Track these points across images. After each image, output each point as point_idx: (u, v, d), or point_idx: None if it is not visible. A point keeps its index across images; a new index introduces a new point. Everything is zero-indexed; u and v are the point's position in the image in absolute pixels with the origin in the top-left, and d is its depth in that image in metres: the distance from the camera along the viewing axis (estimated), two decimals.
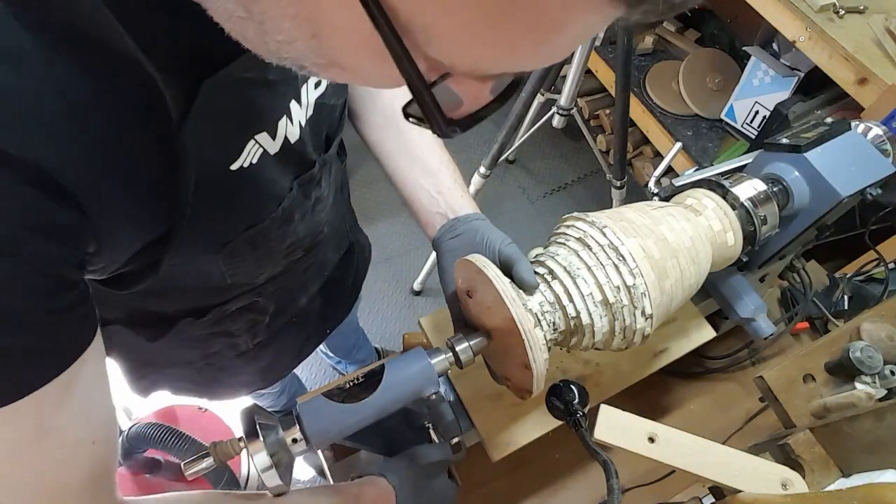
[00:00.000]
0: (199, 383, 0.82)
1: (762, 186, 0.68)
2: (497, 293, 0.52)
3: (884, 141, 0.72)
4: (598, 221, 0.57)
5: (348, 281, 0.92)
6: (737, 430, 0.84)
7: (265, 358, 0.81)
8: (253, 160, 0.49)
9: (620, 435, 0.55)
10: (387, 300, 1.97)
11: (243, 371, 0.82)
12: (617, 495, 0.49)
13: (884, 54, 1.18)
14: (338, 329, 0.93)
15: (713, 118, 1.76)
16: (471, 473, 0.78)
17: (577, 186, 2.33)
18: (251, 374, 0.84)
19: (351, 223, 0.91)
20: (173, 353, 0.72)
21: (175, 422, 1.42)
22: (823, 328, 0.93)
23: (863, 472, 0.59)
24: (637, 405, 0.65)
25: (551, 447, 0.81)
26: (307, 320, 0.84)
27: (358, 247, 0.93)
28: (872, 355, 0.66)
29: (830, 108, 1.40)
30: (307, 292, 0.80)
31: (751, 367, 0.94)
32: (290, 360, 0.89)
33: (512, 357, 0.55)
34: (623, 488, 0.69)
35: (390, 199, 0.74)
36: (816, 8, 1.22)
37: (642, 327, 0.56)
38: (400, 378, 0.56)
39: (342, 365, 1.60)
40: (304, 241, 0.65)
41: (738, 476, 0.54)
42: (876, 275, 0.98)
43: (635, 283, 0.54)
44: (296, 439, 0.53)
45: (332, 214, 0.73)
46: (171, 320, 0.64)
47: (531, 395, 0.56)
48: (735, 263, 0.71)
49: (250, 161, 0.48)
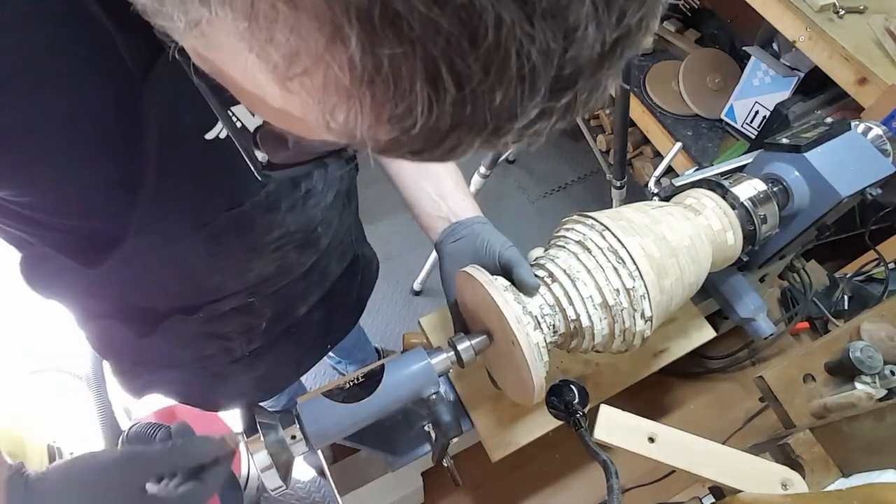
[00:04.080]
0: (193, 388, 0.81)
1: (762, 186, 0.68)
2: (503, 316, 0.52)
3: (884, 141, 0.72)
4: (598, 224, 0.57)
5: (352, 295, 0.91)
6: (737, 430, 0.84)
7: (261, 367, 0.81)
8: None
9: (620, 435, 0.55)
10: (387, 300, 1.97)
11: (239, 379, 0.81)
12: (617, 495, 0.49)
13: (884, 54, 1.18)
14: None
15: (713, 118, 1.76)
16: (471, 473, 0.78)
17: (577, 186, 2.33)
18: (247, 384, 0.83)
19: (358, 235, 0.90)
20: (166, 353, 0.71)
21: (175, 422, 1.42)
22: (823, 328, 0.93)
23: (863, 472, 0.59)
24: (637, 405, 0.65)
25: (551, 447, 0.81)
26: (307, 332, 0.84)
27: (364, 260, 0.92)
28: (872, 355, 0.66)
29: (830, 108, 1.40)
30: (306, 301, 0.79)
31: (751, 367, 0.94)
32: (288, 372, 0.88)
33: (512, 366, 0.55)
34: (623, 488, 0.69)
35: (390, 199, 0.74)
36: (816, 8, 1.22)
37: (642, 329, 0.56)
38: (400, 378, 0.56)
39: (342, 365, 1.59)
40: (296, 236, 0.65)
41: (738, 476, 0.54)
42: (876, 275, 0.98)
43: (635, 285, 0.54)
44: (295, 437, 0.53)
45: (334, 218, 0.72)
46: (162, 316, 0.64)
47: (532, 403, 0.56)
48: (735, 263, 0.71)
49: (227, 133, 0.48)
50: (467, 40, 0.19)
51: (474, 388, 0.72)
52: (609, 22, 0.21)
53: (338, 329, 0.92)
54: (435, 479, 0.84)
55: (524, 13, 0.19)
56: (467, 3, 0.18)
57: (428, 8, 0.18)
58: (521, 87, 0.21)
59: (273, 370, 0.84)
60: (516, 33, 0.19)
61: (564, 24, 0.20)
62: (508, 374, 0.59)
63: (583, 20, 0.20)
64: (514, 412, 0.71)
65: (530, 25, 0.19)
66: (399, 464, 0.73)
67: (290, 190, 0.59)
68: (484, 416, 0.71)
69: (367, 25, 0.19)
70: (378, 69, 0.20)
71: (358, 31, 0.19)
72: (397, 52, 0.19)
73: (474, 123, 0.22)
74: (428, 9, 0.18)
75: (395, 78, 0.20)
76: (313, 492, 1.59)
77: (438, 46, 0.19)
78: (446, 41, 0.19)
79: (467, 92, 0.21)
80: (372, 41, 0.19)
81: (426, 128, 0.22)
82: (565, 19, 0.20)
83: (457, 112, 0.21)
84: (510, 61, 0.20)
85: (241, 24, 0.21)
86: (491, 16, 0.19)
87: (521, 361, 0.52)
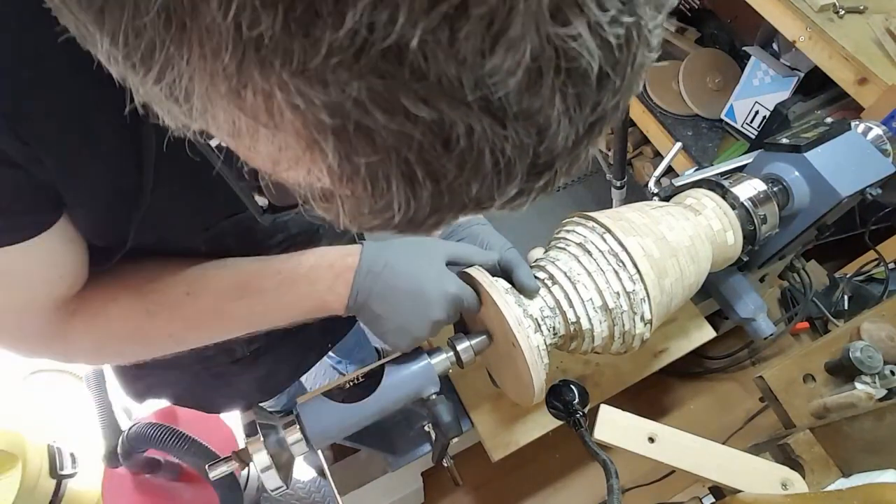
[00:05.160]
0: (195, 391, 0.81)
1: (762, 186, 0.68)
2: (504, 318, 0.52)
3: (884, 141, 0.72)
4: (599, 227, 0.57)
5: None
6: (737, 430, 0.84)
7: (262, 367, 0.81)
8: None
9: (620, 435, 0.55)
10: None
11: (239, 380, 0.81)
12: (617, 495, 0.49)
13: (884, 54, 1.18)
14: None
15: (713, 118, 1.75)
16: (471, 473, 0.78)
17: (577, 186, 2.33)
18: (248, 385, 0.83)
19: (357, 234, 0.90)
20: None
21: (175, 422, 1.42)
22: (823, 328, 0.93)
23: (863, 472, 0.59)
24: (637, 405, 0.65)
25: (551, 447, 0.82)
26: (307, 331, 0.83)
27: None
28: (872, 355, 0.65)
29: (830, 108, 1.40)
30: None
31: (751, 367, 0.94)
32: (289, 372, 0.88)
33: (512, 368, 0.55)
34: (623, 488, 0.69)
35: None
36: (816, 8, 1.22)
37: (641, 332, 0.56)
38: (400, 378, 0.56)
39: (342, 365, 1.59)
40: (298, 239, 0.65)
41: (738, 476, 0.54)
42: (876, 275, 0.98)
43: (635, 288, 0.54)
44: (296, 439, 0.53)
45: None
46: None
47: (531, 404, 0.56)
48: (735, 263, 0.71)
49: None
50: (440, 146, 0.20)
51: (474, 388, 0.72)
52: (581, 116, 0.21)
53: (338, 328, 0.91)
54: (435, 479, 0.84)
55: (496, 119, 0.20)
56: (437, 119, 0.19)
57: (400, 125, 0.19)
58: (497, 178, 0.22)
59: (273, 370, 0.84)
60: (489, 136, 0.20)
61: (537, 124, 0.21)
62: (508, 374, 0.59)
63: (554, 119, 0.21)
64: (514, 412, 0.71)
65: (502, 128, 0.20)
66: (399, 464, 0.73)
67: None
68: (484, 416, 0.71)
69: (343, 138, 0.20)
70: (356, 172, 0.21)
71: (334, 143, 0.20)
72: (373, 159, 0.20)
73: (453, 207, 0.23)
74: (400, 125, 0.19)
75: (372, 180, 0.21)
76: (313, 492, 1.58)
77: (413, 151, 0.20)
78: (420, 147, 0.20)
79: (443, 187, 0.22)
80: (347, 151, 0.20)
81: (405, 218, 0.23)
82: (537, 120, 0.20)
83: (434, 202, 0.22)
84: (484, 158, 0.21)
85: (224, 132, 0.22)
86: (461, 126, 0.19)
87: (522, 363, 0.52)
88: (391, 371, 0.56)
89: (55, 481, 1.21)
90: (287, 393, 1.33)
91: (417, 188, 0.21)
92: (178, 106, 0.22)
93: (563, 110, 0.21)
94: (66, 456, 1.25)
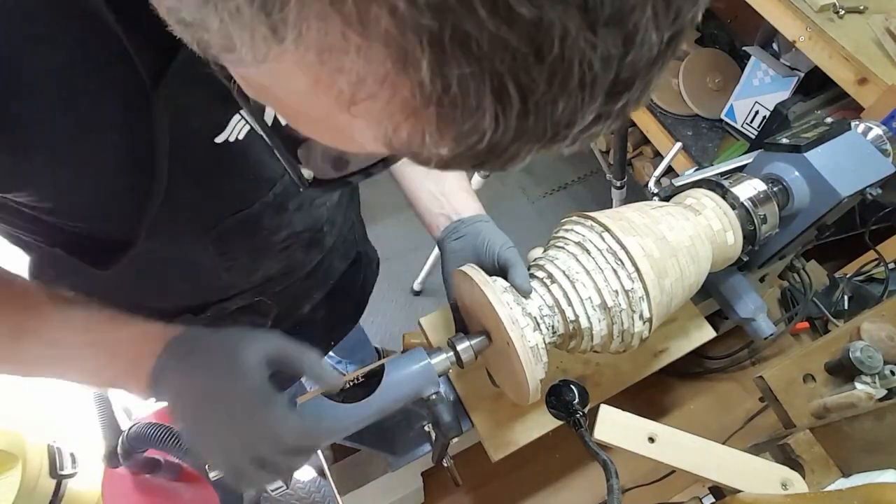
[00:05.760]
0: None
1: (762, 186, 0.68)
2: (498, 317, 0.52)
3: (884, 141, 0.72)
4: (598, 225, 0.57)
5: (354, 293, 0.91)
6: (737, 430, 0.84)
7: None
8: (239, 136, 0.49)
9: (620, 435, 0.55)
10: (387, 300, 1.97)
11: None
12: (617, 495, 0.49)
13: (884, 54, 1.18)
14: None
15: (713, 118, 1.75)
16: (471, 473, 0.78)
17: (577, 186, 2.33)
18: None
19: (360, 233, 0.90)
20: None
21: None
22: (823, 328, 0.93)
23: (863, 472, 0.59)
24: (637, 405, 0.65)
25: (551, 447, 0.82)
26: (311, 329, 0.84)
27: (366, 258, 0.92)
28: (872, 355, 0.65)
29: (830, 108, 1.40)
30: (311, 299, 0.79)
31: (751, 367, 0.94)
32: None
33: (508, 366, 0.56)
34: (623, 488, 0.69)
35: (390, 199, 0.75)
36: (816, 8, 1.22)
37: (640, 331, 0.56)
38: (400, 378, 0.56)
39: (342, 365, 1.59)
40: (303, 236, 0.65)
41: (738, 476, 0.54)
42: (876, 275, 0.98)
43: (633, 287, 0.54)
44: None
45: (338, 216, 0.72)
46: (170, 316, 0.64)
47: (528, 402, 0.56)
48: (735, 263, 0.71)
49: (236, 136, 0.48)
50: (533, 55, 0.20)
51: (474, 388, 0.72)
52: (666, 23, 0.21)
53: (341, 327, 0.92)
54: (435, 479, 0.84)
55: (588, 22, 0.19)
56: (536, 19, 0.19)
57: (497, 27, 0.19)
58: (581, 95, 0.21)
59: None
60: (580, 43, 0.20)
61: (625, 30, 0.20)
62: (506, 374, 0.59)
63: (643, 24, 0.20)
64: (514, 412, 0.71)
65: (593, 34, 0.20)
66: (399, 464, 0.73)
67: (298, 189, 0.59)
68: (484, 416, 0.71)
69: (438, 48, 0.19)
70: (447, 90, 0.20)
71: (429, 53, 0.19)
72: (465, 71, 0.20)
73: (535, 133, 0.23)
74: (497, 28, 0.19)
75: (463, 97, 0.20)
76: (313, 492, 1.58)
77: (505, 63, 0.20)
78: (513, 57, 0.19)
79: (531, 104, 0.21)
80: (441, 63, 0.19)
81: (491, 143, 0.22)
82: (626, 25, 0.20)
83: (520, 124, 0.22)
84: (573, 71, 0.20)
85: (311, 56, 0.21)
86: (558, 29, 0.19)
87: (517, 362, 0.52)
88: (391, 371, 0.56)
89: (55, 481, 1.21)
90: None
91: (507, 105, 0.21)
92: (260, 34, 0.21)
93: (652, 16, 0.20)
94: (66, 456, 1.25)
